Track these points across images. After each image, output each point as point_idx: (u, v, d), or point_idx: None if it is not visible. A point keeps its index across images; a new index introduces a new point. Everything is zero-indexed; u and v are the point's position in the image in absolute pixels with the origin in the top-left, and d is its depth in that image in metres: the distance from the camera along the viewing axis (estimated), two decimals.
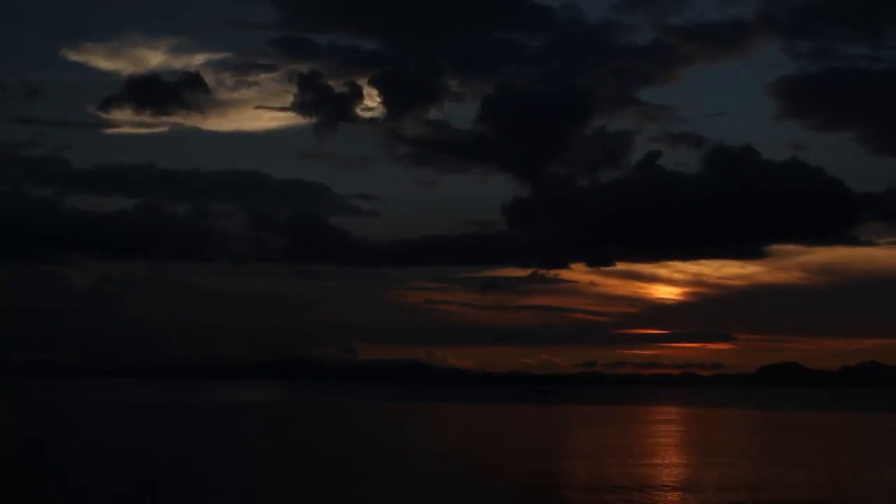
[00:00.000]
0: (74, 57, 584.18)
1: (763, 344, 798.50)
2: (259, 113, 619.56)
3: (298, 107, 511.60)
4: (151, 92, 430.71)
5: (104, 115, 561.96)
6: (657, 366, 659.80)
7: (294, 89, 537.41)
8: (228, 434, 74.05)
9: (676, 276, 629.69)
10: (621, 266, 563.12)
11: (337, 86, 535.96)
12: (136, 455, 53.50)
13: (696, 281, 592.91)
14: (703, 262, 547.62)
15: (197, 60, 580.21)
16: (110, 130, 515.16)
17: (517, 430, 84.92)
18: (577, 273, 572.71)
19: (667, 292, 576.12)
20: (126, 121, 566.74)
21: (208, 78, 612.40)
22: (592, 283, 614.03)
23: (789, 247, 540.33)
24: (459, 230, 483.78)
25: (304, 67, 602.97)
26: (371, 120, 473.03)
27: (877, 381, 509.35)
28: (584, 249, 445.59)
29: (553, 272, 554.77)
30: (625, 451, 59.47)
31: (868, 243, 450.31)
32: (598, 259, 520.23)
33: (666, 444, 66.30)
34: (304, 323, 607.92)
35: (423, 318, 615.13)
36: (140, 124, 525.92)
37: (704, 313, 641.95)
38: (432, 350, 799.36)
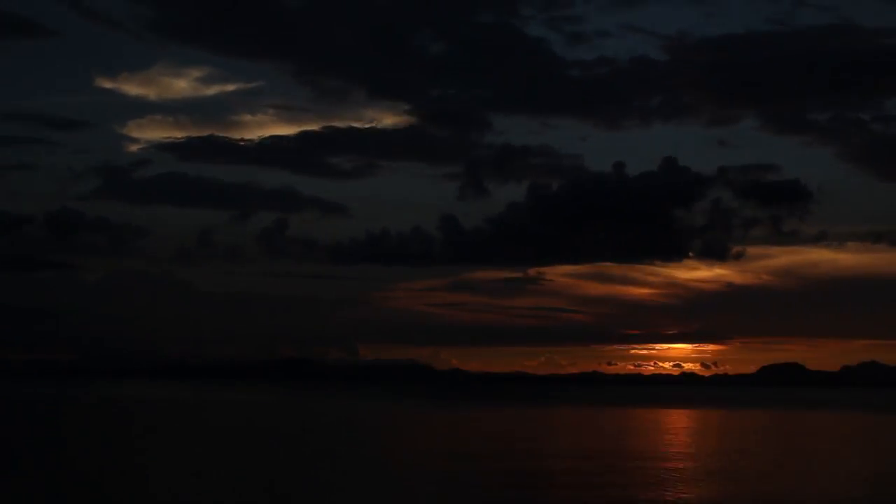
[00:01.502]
0: (108, 84, 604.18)
1: (763, 344, 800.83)
2: (268, 130, 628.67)
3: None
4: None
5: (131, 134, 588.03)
6: (657, 366, 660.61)
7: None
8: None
9: (651, 278, 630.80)
10: (592, 268, 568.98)
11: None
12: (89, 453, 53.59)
13: (671, 283, 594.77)
14: (672, 264, 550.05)
15: (227, 88, 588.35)
16: (134, 147, 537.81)
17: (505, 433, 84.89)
18: (552, 275, 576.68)
19: (647, 293, 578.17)
20: (150, 139, 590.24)
21: (233, 103, 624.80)
22: (569, 285, 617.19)
23: (750, 249, 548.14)
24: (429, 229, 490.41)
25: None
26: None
27: (877, 381, 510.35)
28: (556, 251, 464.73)
29: (529, 273, 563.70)
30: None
31: (831, 245, 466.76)
32: (571, 261, 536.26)
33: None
34: (303, 323, 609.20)
35: (415, 318, 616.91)
36: (163, 143, 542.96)
37: (695, 314, 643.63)
38: (430, 350, 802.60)
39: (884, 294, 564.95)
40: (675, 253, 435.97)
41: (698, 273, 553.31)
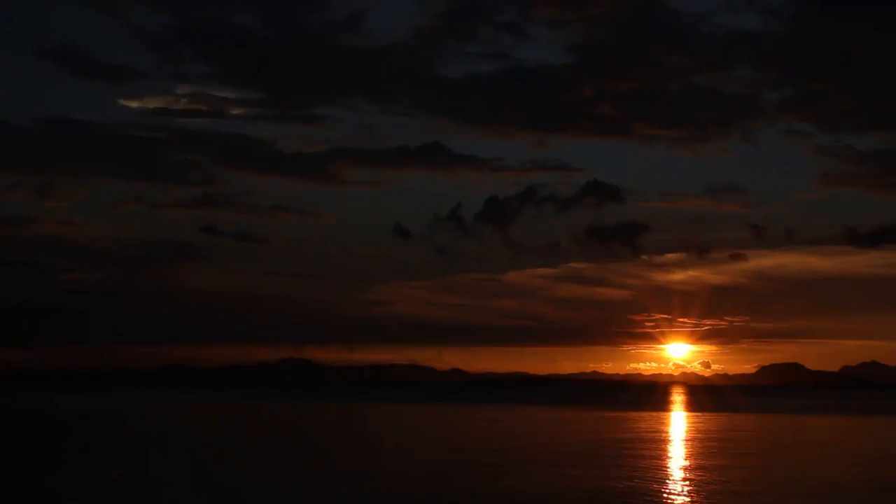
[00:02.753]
0: (129, 103, 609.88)
1: (763, 344, 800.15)
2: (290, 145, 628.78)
3: None
4: None
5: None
6: (657, 366, 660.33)
7: None
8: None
9: (628, 281, 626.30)
10: (565, 270, 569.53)
11: None
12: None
13: (648, 284, 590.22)
14: (644, 265, 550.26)
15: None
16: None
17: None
18: (526, 276, 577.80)
19: (633, 295, 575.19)
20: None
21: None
22: (547, 287, 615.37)
23: (718, 252, 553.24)
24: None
25: None
26: None
27: (877, 381, 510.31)
28: (528, 253, 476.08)
29: (509, 276, 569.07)
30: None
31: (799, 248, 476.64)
32: (543, 262, 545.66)
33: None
34: (303, 323, 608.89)
35: (416, 318, 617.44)
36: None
37: (691, 314, 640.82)
38: (430, 350, 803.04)
39: (860, 294, 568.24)
40: (646, 254, 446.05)
41: (674, 276, 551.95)
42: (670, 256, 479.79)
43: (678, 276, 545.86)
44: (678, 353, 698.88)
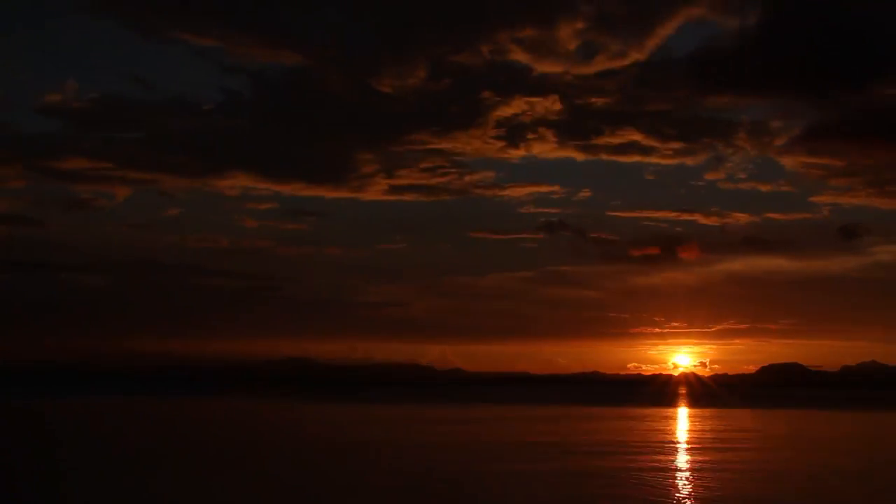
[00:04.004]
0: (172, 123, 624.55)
1: (763, 344, 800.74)
2: None
3: None
4: None
5: None
6: (657, 365, 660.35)
7: None
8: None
9: (608, 283, 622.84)
10: (541, 273, 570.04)
11: None
12: None
13: (632, 285, 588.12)
14: (618, 266, 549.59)
15: None
16: None
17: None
18: (506, 279, 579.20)
19: (620, 295, 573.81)
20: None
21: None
22: (528, 289, 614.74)
23: (699, 255, 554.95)
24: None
25: None
26: None
27: (877, 381, 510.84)
28: (506, 257, 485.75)
29: (490, 279, 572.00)
30: None
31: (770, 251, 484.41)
32: (521, 266, 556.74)
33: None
34: (304, 323, 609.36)
35: (416, 318, 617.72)
36: None
37: (686, 313, 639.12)
38: (432, 350, 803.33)
39: (847, 295, 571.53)
40: (626, 257, 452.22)
41: (651, 278, 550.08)
42: (654, 257, 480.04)
43: (655, 278, 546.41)
44: (678, 353, 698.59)
